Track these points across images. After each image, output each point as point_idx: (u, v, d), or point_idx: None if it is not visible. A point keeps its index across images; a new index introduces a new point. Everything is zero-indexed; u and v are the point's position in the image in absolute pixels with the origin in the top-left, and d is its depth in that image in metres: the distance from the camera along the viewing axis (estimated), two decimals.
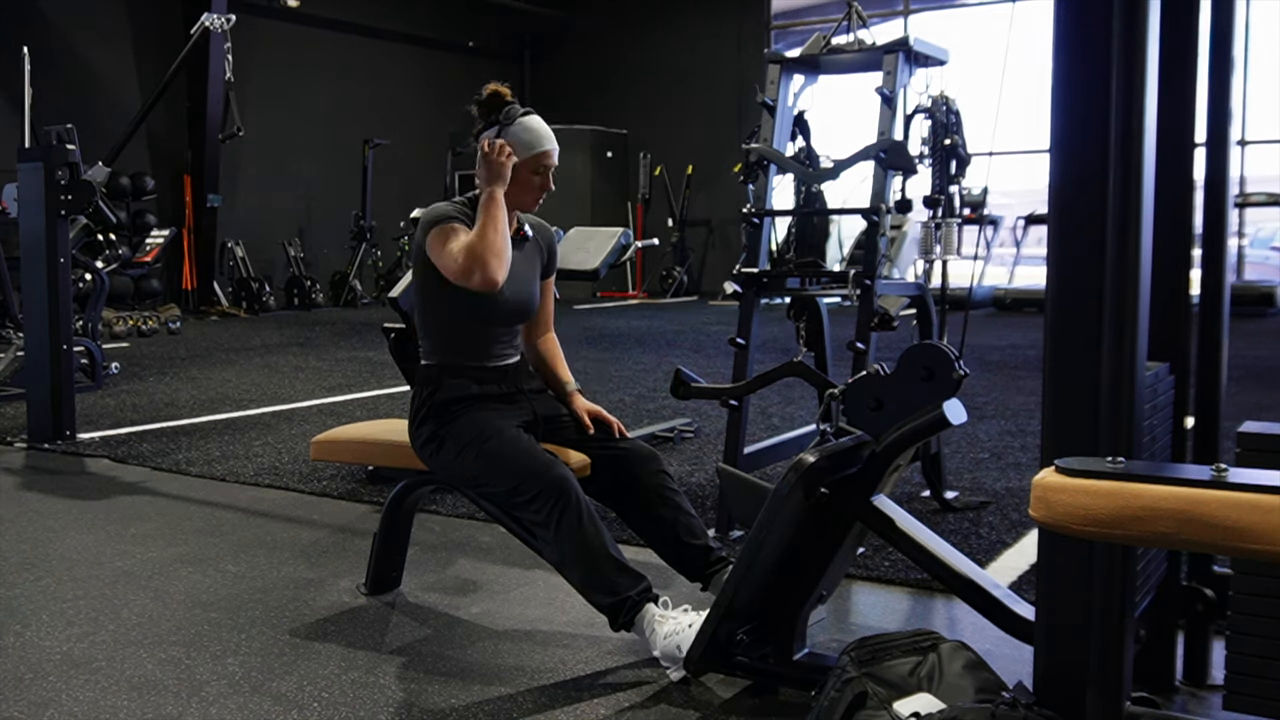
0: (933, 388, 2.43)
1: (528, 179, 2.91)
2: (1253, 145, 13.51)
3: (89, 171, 5.97)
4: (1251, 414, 4.48)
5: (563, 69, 18.23)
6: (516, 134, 2.91)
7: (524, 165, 2.90)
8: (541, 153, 2.92)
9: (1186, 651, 2.47)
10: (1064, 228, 1.93)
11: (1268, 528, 1.36)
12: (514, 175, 2.90)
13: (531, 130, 2.92)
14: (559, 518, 2.66)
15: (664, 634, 2.59)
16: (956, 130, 4.00)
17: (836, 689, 2.06)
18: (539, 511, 2.68)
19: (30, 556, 3.59)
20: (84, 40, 12.82)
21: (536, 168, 2.92)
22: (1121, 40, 1.78)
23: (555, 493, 2.67)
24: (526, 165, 2.90)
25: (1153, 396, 2.14)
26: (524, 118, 2.93)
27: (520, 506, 2.74)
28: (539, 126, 2.94)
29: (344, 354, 9.27)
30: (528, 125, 2.92)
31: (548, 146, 2.93)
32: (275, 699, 2.51)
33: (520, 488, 2.71)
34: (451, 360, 2.92)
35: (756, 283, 3.93)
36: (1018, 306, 13.14)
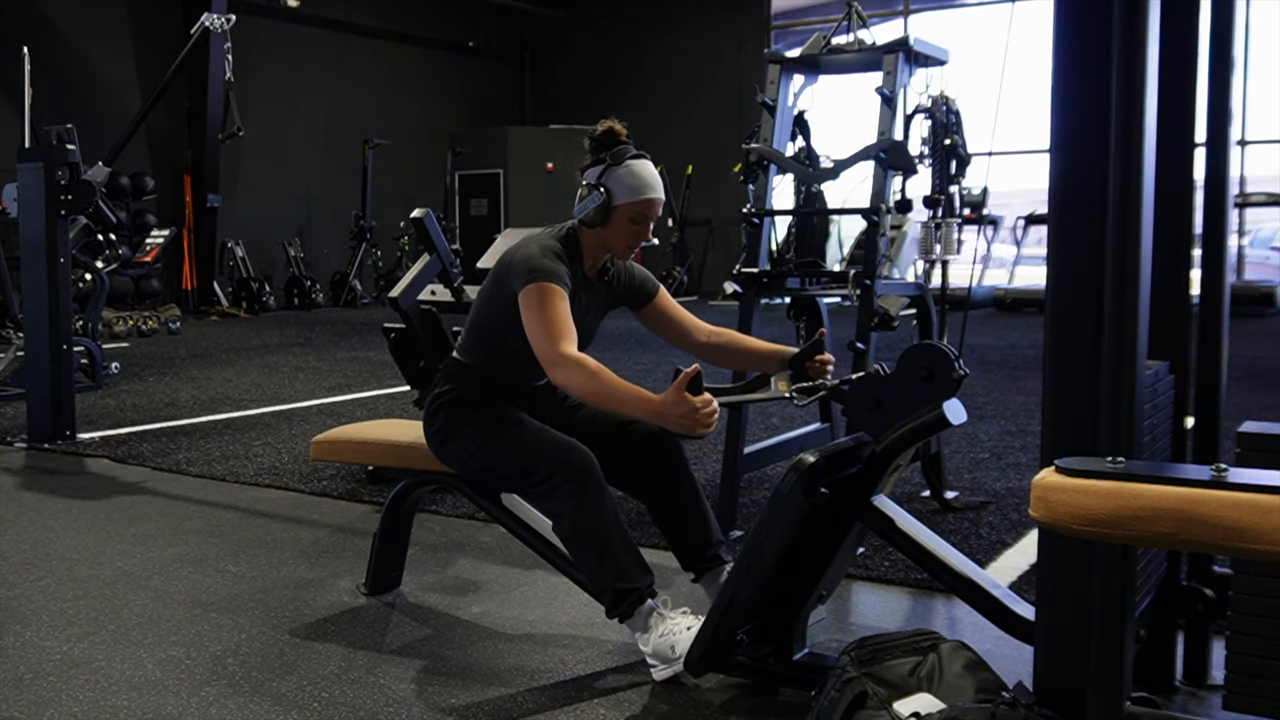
0: (933, 388, 2.43)
1: (625, 226, 2.79)
2: (1253, 145, 13.51)
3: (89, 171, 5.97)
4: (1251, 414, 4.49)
5: (563, 69, 18.23)
6: (622, 177, 2.79)
7: (623, 210, 2.78)
8: (645, 201, 2.79)
9: (1186, 651, 2.47)
10: (1064, 228, 1.93)
11: (1268, 528, 1.36)
12: (611, 220, 2.79)
13: (638, 176, 2.80)
14: (583, 490, 2.63)
15: (660, 632, 2.59)
16: (956, 130, 4.01)
17: (836, 689, 2.06)
18: (562, 483, 2.65)
19: (30, 556, 3.59)
20: (84, 40, 12.83)
21: (636, 216, 2.79)
22: (1121, 40, 1.78)
23: (575, 472, 2.65)
24: (625, 211, 2.78)
25: (1153, 396, 2.14)
26: (633, 161, 2.82)
27: (540, 480, 2.69)
28: (648, 174, 2.82)
29: (344, 354, 9.27)
30: (635, 170, 2.81)
31: (652, 195, 2.80)
32: (275, 699, 2.51)
33: (538, 466, 2.69)
34: (487, 368, 2.89)
35: (756, 283, 3.93)
36: (1018, 306, 13.14)
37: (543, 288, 2.66)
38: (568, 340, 2.62)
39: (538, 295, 2.66)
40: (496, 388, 2.89)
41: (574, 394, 2.67)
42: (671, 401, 2.47)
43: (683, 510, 2.85)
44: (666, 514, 2.88)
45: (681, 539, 2.86)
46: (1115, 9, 1.79)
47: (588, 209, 2.80)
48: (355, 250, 14.79)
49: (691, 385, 2.47)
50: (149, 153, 13.37)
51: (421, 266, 4.47)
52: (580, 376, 2.56)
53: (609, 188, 2.79)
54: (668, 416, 2.49)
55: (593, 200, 2.79)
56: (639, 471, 2.89)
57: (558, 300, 2.65)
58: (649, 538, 3.55)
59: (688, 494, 2.86)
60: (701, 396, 2.48)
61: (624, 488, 2.92)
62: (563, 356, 2.58)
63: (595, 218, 2.79)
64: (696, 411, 2.46)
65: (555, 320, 2.63)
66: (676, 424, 2.50)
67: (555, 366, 2.60)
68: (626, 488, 2.93)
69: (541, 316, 2.64)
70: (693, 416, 2.46)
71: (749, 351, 2.96)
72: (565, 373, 2.59)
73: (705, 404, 2.47)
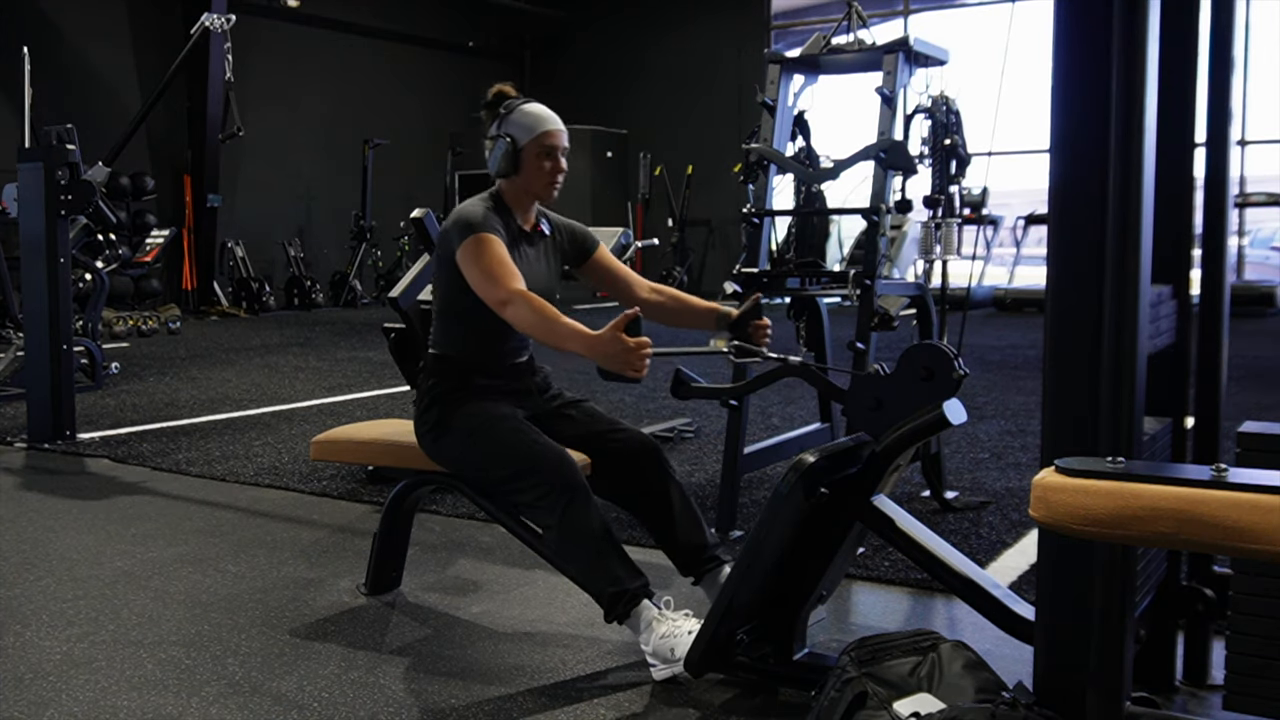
0: (933, 388, 2.43)
1: (536, 164, 2.90)
2: (1253, 145, 13.51)
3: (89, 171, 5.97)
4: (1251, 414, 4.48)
5: (563, 69, 18.23)
6: (518, 120, 2.91)
7: (529, 149, 2.89)
8: (543, 133, 2.89)
9: (1186, 651, 2.47)
10: (1064, 228, 1.93)
11: (1268, 528, 1.36)
12: (521, 162, 2.89)
13: (531, 114, 2.92)
14: (568, 500, 2.65)
15: (660, 633, 2.59)
16: (956, 130, 4.00)
17: (836, 689, 2.06)
18: (548, 493, 2.67)
19: (30, 556, 3.59)
20: (84, 40, 12.82)
21: (541, 150, 2.89)
22: (1121, 40, 1.78)
23: (562, 480, 2.66)
24: (531, 148, 2.89)
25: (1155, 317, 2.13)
26: (524, 104, 2.94)
27: (524, 492, 2.72)
28: (540, 110, 2.94)
29: (344, 354, 9.27)
30: (528, 110, 2.93)
31: (550, 127, 2.91)
32: (275, 699, 2.51)
33: (525, 473, 2.70)
34: (460, 352, 2.92)
35: (756, 283, 3.93)
36: (1018, 306, 13.14)
37: (478, 238, 2.77)
38: (512, 279, 2.71)
39: (474, 245, 2.76)
40: (477, 373, 2.90)
41: (521, 329, 2.74)
42: (608, 339, 2.56)
43: (674, 518, 2.85)
44: (658, 523, 2.88)
45: (676, 546, 2.86)
46: (1115, 9, 1.79)
47: (498, 159, 2.92)
48: (355, 250, 14.78)
49: (630, 327, 2.55)
50: (149, 153, 13.36)
51: (421, 266, 4.47)
52: (526, 310, 2.66)
53: (510, 133, 2.91)
54: (604, 352, 2.57)
55: (499, 149, 2.91)
56: (626, 481, 2.90)
57: (494, 246, 2.76)
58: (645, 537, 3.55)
59: (678, 501, 2.86)
60: (638, 339, 2.55)
61: (611, 497, 2.92)
62: (510, 293, 2.69)
63: (506, 166, 2.91)
64: (631, 351, 2.55)
65: (495, 263, 2.73)
66: (611, 360, 2.57)
67: (504, 304, 2.70)
68: (613, 497, 2.93)
69: (481, 263, 2.74)
70: (626, 355, 2.55)
71: (688, 308, 3.05)
72: (514, 309, 2.68)
73: (640, 345, 2.56)
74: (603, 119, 17.09)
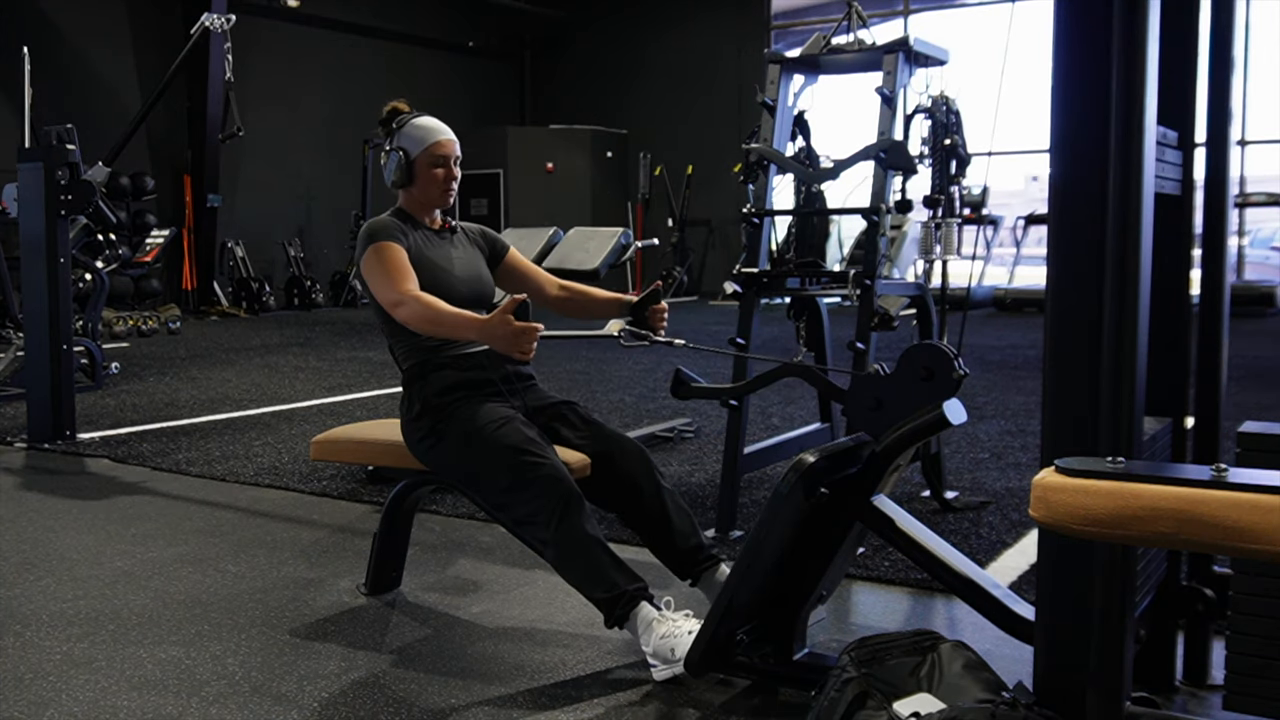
0: (933, 388, 2.43)
1: (429, 174, 3.02)
2: (1253, 145, 13.51)
3: (89, 171, 5.98)
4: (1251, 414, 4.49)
5: (563, 69, 18.24)
6: (409, 133, 3.04)
7: (421, 160, 3.02)
8: (433, 144, 3.02)
9: (1186, 651, 2.47)
10: (1064, 228, 1.93)
11: (1268, 528, 1.36)
12: (415, 173, 3.02)
13: (421, 127, 3.04)
14: (560, 516, 2.66)
15: (660, 634, 2.59)
16: (956, 130, 4.00)
17: (836, 689, 2.06)
18: (539, 510, 2.68)
19: (30, 556, 3.59)
20: (84, 40, 12.82)
21: (432, 160, 3.02)
22: (1121, 40, 1.78)
23: (554, 491, 2.67)
24: (423, 160, 3.02)
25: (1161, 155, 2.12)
26: (415, 119, 3.06)
27: (519, 504, 2.74)
28: (430, 123, 3.06)
29: (344, 354, 9.27)
30: (418, 124, 3.06)
31: (439, 138, 3.03)
32: (275, 699, 2.51)
33: (518, 486, 2.71)
34: (427, 356, 2.95)
35: (756, 283, 3.93)
36: (1018, 306, 13.14)
37: (376, 247, 2.91)
38: (403, 280, 2.84)
39: (373, 254, 2.90)
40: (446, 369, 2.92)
41: (413, 327, 2.85)
42: (496, 322, 2.67)
43: (666, 525, 2.85)
44: (650, 530, 2.88)
45: (672, 552, 2.86)
46: (1115, 9, 1.79)
47: (392, 171, 3.05)
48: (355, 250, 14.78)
49: (517, 311, 2.68)
50: (149, 153, 13.37)
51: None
52: (417, 307, 2.79)
53: (401, 146, 3.04)
54: (494, 335, 2.68)
55: (393, 162, 3.05)
56: (615, 486, 2.90)
57: (390, 252, 2.90)
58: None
59: (670, 507, 2.86)
60: (526, 323, 2.67)
61: (599, 502, 2.92)
62: (400, 294, 2.82)
63: (401, 177, 3.05)
64: (520, 334, 2.66)
65: (389, 268, 2.87)
66: (500, 342, 2.68)
67: (396, 305, 2.83)
68: (601, 502, 2.93)
69: (378, 270, 2.88)
70: (515, 337, 2.66)
71: (593, 300, 3.20)
72: (405, 309, 2.81)
73: (528, 328, 2.67)
74: (603, 119, 17.10)
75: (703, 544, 2.86)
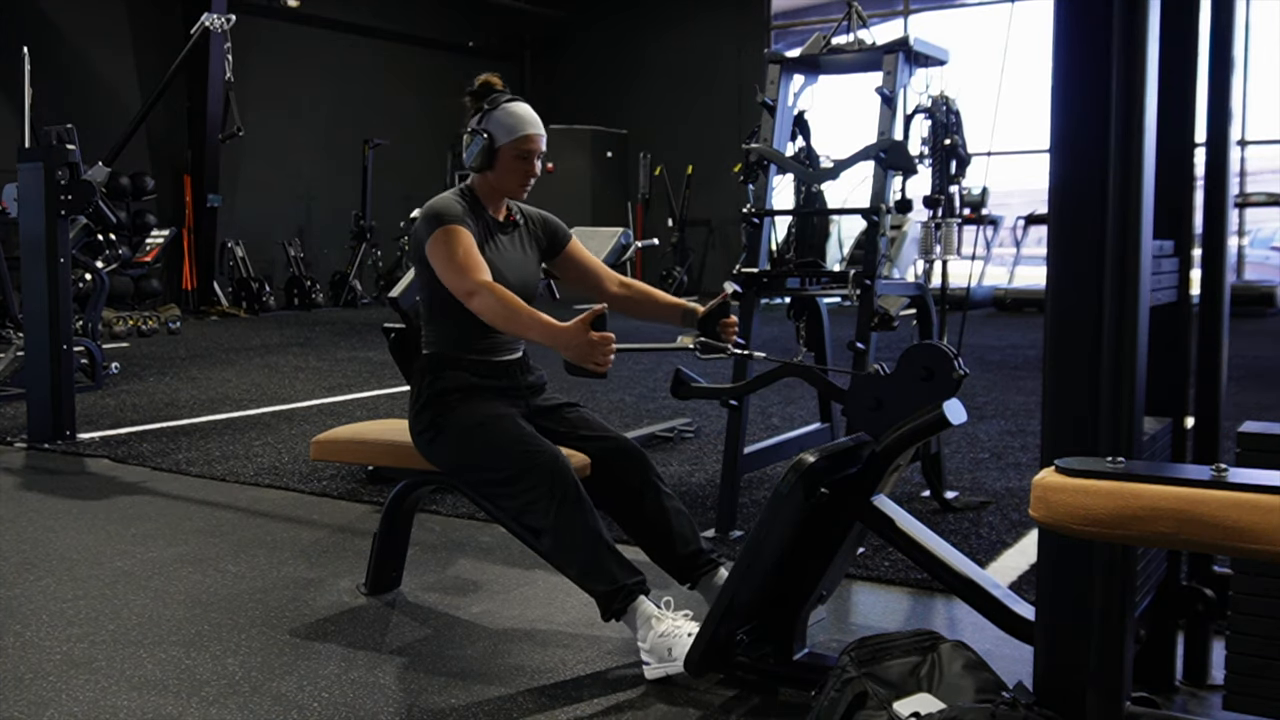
0: (933, 388, 2.43)
1: (512, 164, 2.92)
2: (1253, 145, 13.51)
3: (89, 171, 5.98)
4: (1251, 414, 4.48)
5: (563, 69, 18.24)
6: (500, 119, 2.91)
7: (506, 150, 2.91)
8: (522, 136, 2.91)
9: (1186, 651, 2.47)
10: (1064, 228, 1.93)
11: (1268, 528, 1.36)
12: (497, 161, 2.92)
13: (514, 115, 2.92)
14: (559, 503, 2.65)
15: (659, 631, 2.59)
16: (956, 130, 4.00)
17: (836, 689, 2.06)
18: (539, 498, 2.67)
19: (30, 556, 3.59)
20: (84, 40, 12.82)
21: (519, 152, 2.91)
22: (1121, 40, 1.78)
23: (555, 479, 2.66)
24: (509, 150, 2.91)
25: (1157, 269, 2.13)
26: (509, 103, 2.94)
27: (519, 493, 2.72)
28: (523, 112, 2.94)
29: (344, 354, 9.27)
30: (511, 110, 2.93)
31: (529, 131, 2.92)
32: (275, 699, 2.51)
33: (520, 474, 2.70)
34: (452, 351, 2.91)
35: (756, 283, 3.93)
36: (1018, 306, 13.14)
37: (446, 230, 2.80)
38: (478, 270, 2.75)
39: (443, 238, 2.80)
40: (470, 371, 2.89)
41: (486, 319, 2.76)
42: (574, 331, 2.59)
43: (666, 530, 2.84)
44: (650, 536, 2.87)
45: (671, 557, 2.85)
46: (1115, 9, 1.79)
47: (474, 154, 2.93)
48: (355, 250, 14.78)
49: (596, 322, 2.58)
50: (149, 153, 13.36)
51: None
52: (491, 300, 2.70)
53: (489, 130, 2.92)
54: (567, 344, 2.60)
55: (476, 145, 2.93)
56: (614, 488, 2.89)
57: (462, 237, 2.79)
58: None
59: (670, 512, 2.85)
60: (602, 334, 2.58)
61: (598, 504, 2.91)
62: (476, 284, 2.72)
63: (482, 161, 2.93)
64: (595, 345, 2.58)
65: (461, 255, 2.77)
66: (575, 353, 2.60)
67: (470, 295, 2.73)
68: (601, 504, 2.92)
69: (449, 256, 2.77)
70: (591, 349, 2.58)
71: (656, 303, 3.09)
72: (479, 300, 2.72)
73: (604, 339, 2.58)
74: (603, 119, 17.09)
75: (702, 549, 2.85)
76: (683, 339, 2.97)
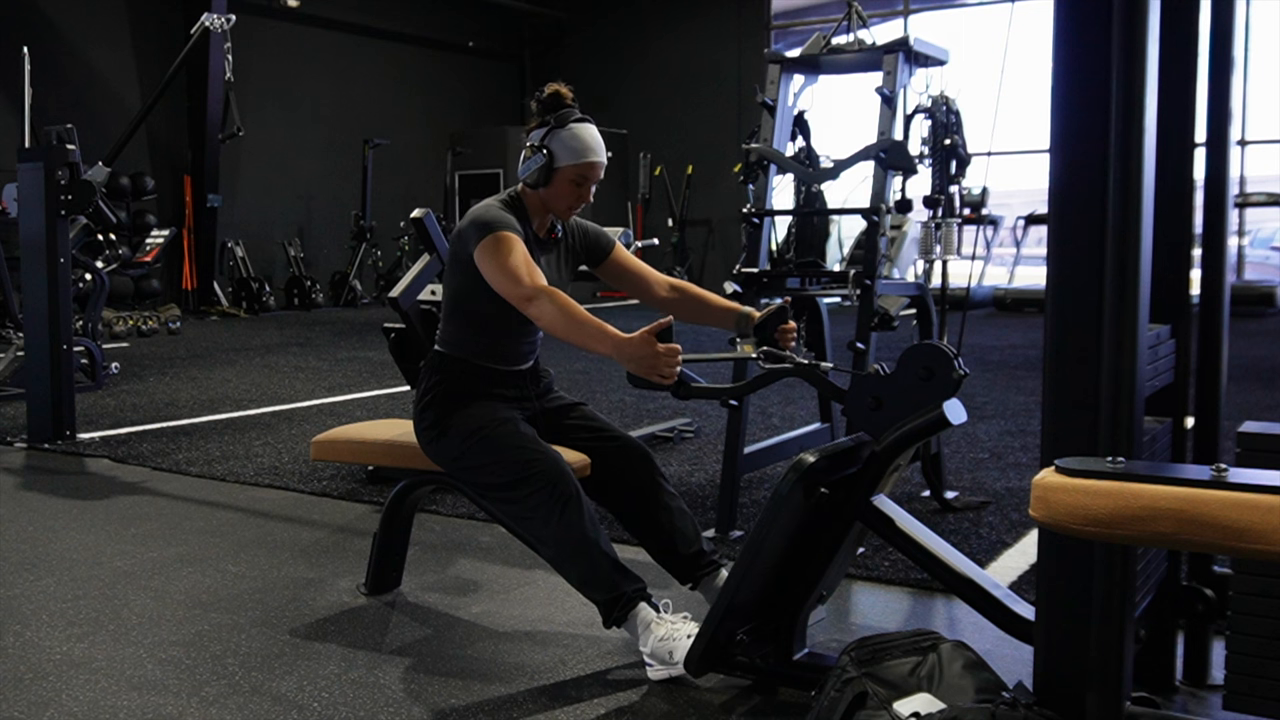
0: (933, 387, 2.43)
1: (567, 187, 2.84)
2: (1253, 145, 13.51)
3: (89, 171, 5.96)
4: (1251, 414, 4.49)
5: (563, 69, 18.21)
6: (565, 140, 2.83)
7: (565, 172, 2.83)
8: (586, 163, 2.84)
9: (1186, 651, 2.47)
10: (1064, 228, 1.93)
11: (1268, 528, 1.36)
12: (554, 180, 2.84)
13: (580, 139, 2.84)
14: (560, 513, 2.65)
15: (659, 636, 2.59)
16: (956, 130, 4.00)
17: (836, 689, 2.06)
18: (539, 505, 2.68)
19: (30, 556, 3.59)
20: (84, 40, 12.82)
21: (577, 177, 2.84)
22: (1121, 40, 1.78)
23: (556, 487, 2.66)
24: (567, 172, 2.83)
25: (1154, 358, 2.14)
26: (576, 124, 2.85)
27: (520, 500, 2.73)
28: (589, 137, 2.86)
29: (344, 354, 9.27)
30: (577, 133, 2.84)
31: (593, 159, 2.85)
32: (275, 699, 2.51)
33: (521, 480, 2.71)
34: (467, 355, 2.89)
35: (756, 283, 3.93)
36: (1018, 306, 13.14)
37: (498, 237, 2.73)
38: (536, 274, 2.68)
39: (494, 244, 2.72)
40: (479, 376, 2.88)
41: (545, 327, 2.70)
42: (639, 341, 2.53)
43: (671, 530, 2.84)
44: (653, 536, 2.87)
45: (674, 557, 2.86)
46: (1115, 9, 1.79)
47: (531, 170, 2.85)
48: (355, 250, 14.78)
49: (662, 334, 2.54)
50: (149, 153, 13.36)
51: (421, 266, 4.47)
52: (552, 308, 2.62)
53: (552, 149, 2.84)
54: (633, 356, 2.54)
55: (536, 161, 2.84)
56: (619, 488, 2.90)
57: (516, 244, 2.72)
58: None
59: (675, 512, 2.85)
60: (668, 345, 2.54)
61: (602, 503, 2.92)
62: (535, 289, 2.65)
63: (538, 179, 2.85)
64: (660, 356, 2.52)
65: (517, 261, 2.69)
66: (640, 364, 2.54)
67: (528, 301, 2.65)
68: (605, 503, 2.93)
69: (503, 262, 2.69)
70: (656, 360, 2.52)
71: (707, 306, 3.02)
72: (538, 305, 2.64)
73: (670, 351, 2.53)
74: (602, 119, 16.96)
75: (704, 549, 2.85)
76: (743, 348, 2.88)
